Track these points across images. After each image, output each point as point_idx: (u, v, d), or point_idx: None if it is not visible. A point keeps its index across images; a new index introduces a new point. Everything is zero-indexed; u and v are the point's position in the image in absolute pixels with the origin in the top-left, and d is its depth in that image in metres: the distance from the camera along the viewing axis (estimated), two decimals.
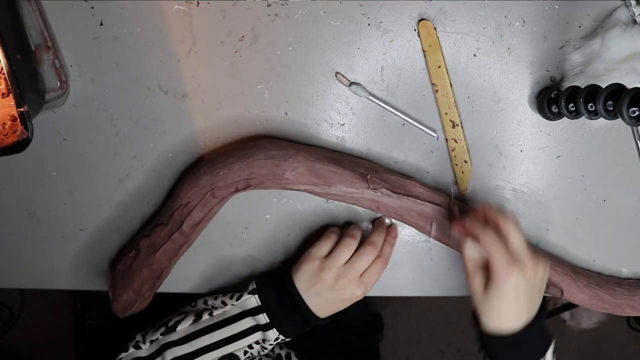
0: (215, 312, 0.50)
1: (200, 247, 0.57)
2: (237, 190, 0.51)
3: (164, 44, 0.51)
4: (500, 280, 0.42)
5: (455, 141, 0.52)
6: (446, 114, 0.51)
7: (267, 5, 0.50)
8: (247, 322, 0.49)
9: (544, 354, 0.47)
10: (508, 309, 0.43)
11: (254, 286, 0.50)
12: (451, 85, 0.51)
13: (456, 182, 0.54)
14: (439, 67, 0.50)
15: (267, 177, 0.49)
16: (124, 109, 0.53)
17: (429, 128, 0.53)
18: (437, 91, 0.51)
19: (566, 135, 0.54)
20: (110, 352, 0.53)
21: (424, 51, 0.50)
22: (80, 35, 0.51)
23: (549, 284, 0.51)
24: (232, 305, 0.50)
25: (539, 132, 0.53)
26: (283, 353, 0.58)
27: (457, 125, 0.51)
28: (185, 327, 0.50)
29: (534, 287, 0.44)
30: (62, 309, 1.48)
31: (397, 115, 0.53)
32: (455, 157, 0.52)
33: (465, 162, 0.52)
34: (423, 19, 0.50)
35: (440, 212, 0.51)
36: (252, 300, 0.49)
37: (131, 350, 0.50)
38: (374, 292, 0.59)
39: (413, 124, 0.53)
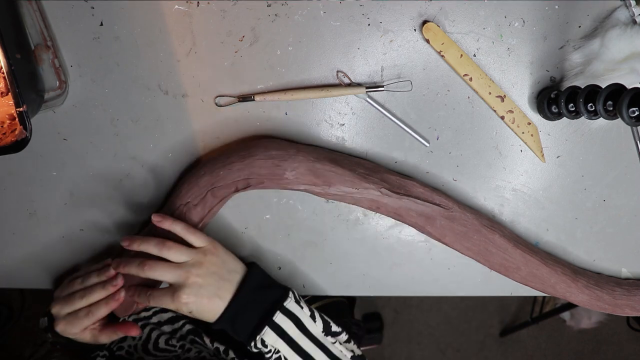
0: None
1: None
2: (237, 190, 0.51)
3: (164, 44, 0.51)
4: (176, 291, 0.46)
5: (511, 112, 0.52)
6: (490, 93, 0.51)
7: (267, 5, 0.50)
8: None
9: (278, 303, 0.49)
10: (201, 302, 0.46)
11: None
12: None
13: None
14: (461, 56, 0.50)
15: (267, 177, 0.49)
16: (124, 109, 0.53)
17: (422, 137, 0.53)
18: (470, 79, 0.51)
19: (566, 135, 0.54)
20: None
21: (439, 52, 0.50)
22: (80, 35, 0.51)
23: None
24: None
25: (539, 132, 0.53)
26: (222, 348, 0.58)
27: (505, 96, 0.51)
28: None
29: (215, 271, 0.47)
30: None
31: (392, 120, 0.53)
32: (518, 126, 0.52)
33: (529, 124, 0.52)
34: (425, 22, 0.50)
35: (440, 213, 0.51)
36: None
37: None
38: (374, 292, 0.59)
39: (407, 131, 0.53)
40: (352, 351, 0.52)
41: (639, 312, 0.55)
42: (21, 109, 0.41)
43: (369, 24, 0.51)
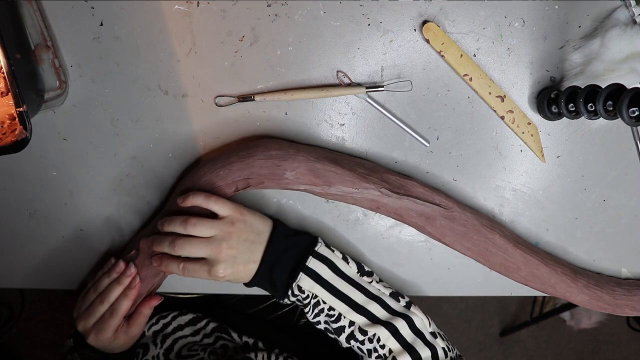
0: None
1: None
2: (237, 190, 0.51)
3: (164, 44, 0.51)
4: (213, 266, 0.47)
5: (511, 112, 0.52)
6: (490, 93, 0.51)
7: (267, 5, 0.50)
8: None
9: (309, 250, 0.50)
10: (237, 270, 0.47)
11: None
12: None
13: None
14: (461, 56, 0.50)
15: (267, 177, 0.49)
16: (124, 109, 0.53)
17: (422, 137, 0.53)
18: (470, 79, 0.51)
19: (566, 135, 0.54)
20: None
21: (439, 53, 0.50)
22: (80, 35, 0.51)
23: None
24: None
25: (539, 132, 0.53)
26: (250, 341, 0.58)
27: (505, 96, 0.51)
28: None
29: (245, 238, 0.48)
30: (62, 309, 1.48)
31: (392, 120, 0.53)
32: (518, 126, 0.52)
33: (529, 124, 0.52)
34: (425, 22, 0.50)
35: (440, 213, 0.51)
36: None
37: None
38: None
39: (407, 131, 0.53)
40: (389, 288, 0.52)
41: (639, 312, 0.55)
42: (21, 109, 0.41)
43: (369, 24, 0.51)
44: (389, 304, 0.50)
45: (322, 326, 0.51)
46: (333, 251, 0.51)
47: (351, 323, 0.49)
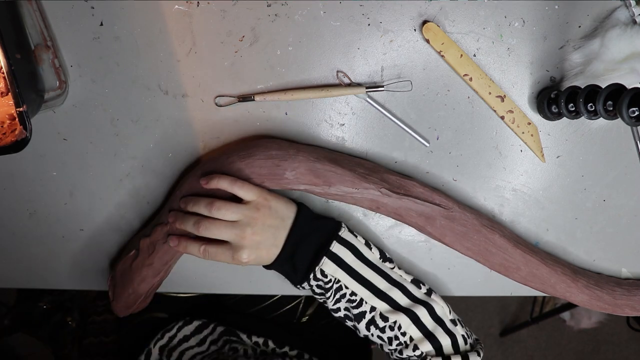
0: None
1: None
2: None
3: (164, 44, 0.51)
4: (237, 252, 0.47)
5: (511, 112, 0.52)
6: (490, 93, 0.51)
7: (267, 5, 0.50)
8: None
9: (333, 234, 0.50)
10: (260, 255, 0.47)
11: None
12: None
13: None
14: (461, 56, 0.50)
15: (267, 177, 0.49)
16: (124, 109, 0.53)
17: (422, 137, 0.53)
18: (470, 79, 0.51)
19: (566, 135, 0.54)
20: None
21: (439, 53, 0.50)
22: (80, 35, 0.51)
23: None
24: None
25: (539, 132, 0.53)
26: (260, 341, 0.58)
27: (505, 96, 0.51)
28: None
29: (269, 223, 0.47)
30: None
31: (392, 120, 0.53)
32: (518, 126, 0.52)
33: (529, 124, 0.52)
34: (425, 22, 0.50)
35: (440, 213, 0.51)
36: None
37: None
38: None
39: (407, 131, 0.53)
40: (410, 274, 0.52)
41: (639, 312, 0.55)
42: (21, 109, 0.41)
43: (369, 24, 0.51)
44: (411, 291, 0.50)
45: (342, 313, 0.51)
46: (356, 236, 0.50)
47: (372, 309, 0.49)
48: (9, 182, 0.56)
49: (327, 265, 0.48)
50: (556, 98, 0.49)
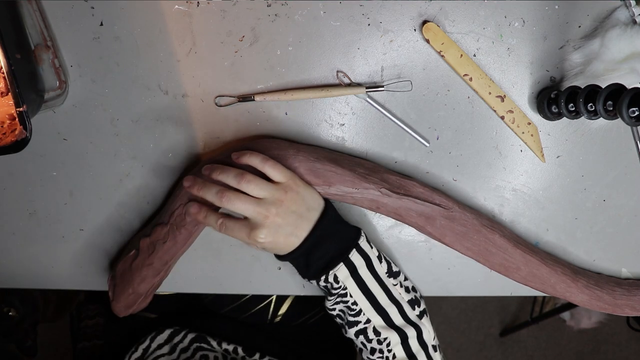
0: None
1: (200, 247, 0.57)
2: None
3: (164, 44, 0.51)
4: (255, 230, 0.45)
5: (511, 112, 0.52)
6: (490, 93, 0.51)
7: (267, 5, 0.50)
8: None
9: (353, 241, 0.49)
10: (277, 241, 0.46)
11: None
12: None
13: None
14: (461, 56, 0.50)
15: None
16: (124, 109, 0.53)
17: (422, 137, 0.53)
18: (470, 79, 0.51)
19: (566, 135, 0.54)
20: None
21: (439, 53, 0.50)
22: (80, 35, 0.51)
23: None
24: None
25: (539, 132, 0.53)
26: (230, 348, 0.58)
27: (505, 96, 0.51)
28: None
29: (294, 210, 0.46)
30: None
31: (392, 120, 0.53)
32: (518, 126, 0.52)
33: (529, 124, 0.52)
34: (425, 22, 0.50)
35: (440, 213, 0.51)
36: None
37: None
38: None
39: (407, 131, 0.53)
40: (408, 290, 0.52)
41: (639, 312, 0.55)
42: (21, 109, 0.41)
43: (369, 24, 0.51)
44: (406, 311, 0.51)
45: (336, 312, 0.51)
46: (372, 247, 0.50)
47: (368, 320, 0.50)
48: (9, 182, 0.56)
49: (341, 271, 0.48)
50: (556, 98, 0.49)
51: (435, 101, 0.53)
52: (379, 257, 0.51)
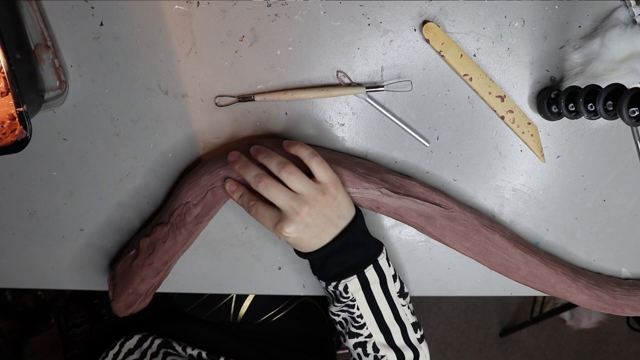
0: None
1: (200, 247, 0.58)
2: None
3: (164, 44, 0.51)
4: (283, 222, 0.45)
5: (511, 112, 0.52)
6: (490, 93, 0.51)
7: (267, 5, 0.50)
8: None
9: (373, 257, 0.48)
10: (301, 238, 0.45)
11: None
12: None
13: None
14: (461, 56, 0.50)
15: None
16: (124, 109, 0.53)
17: (422, 137, 0.53)
18: (470, 79, 0.51)
19: (566, 135, 0.54)
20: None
21: (439, 53, 0.50)
22: (80, 35, 0.51)
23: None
24: None
25: (539, 132, 0.53)
26: (194, 353, 0.58)
27: (505, 96, 0.51)
28: None
29: (326, 214, 0.45)
30: None
31: (392, 120, 0.53)
32: (518, 126, 0.52)
33: (529, 124, 0.52)
34: (425, 22, 0.50)
35: (440, 213, 0.51)
36: None
37: None
38: None
39: (407, 131, 0.53)
40: (413, 312, 0.53)
41: (639, 312, 0.55)
42: (21, 109, 0.41)
43: (369, 24, 0.51)
44: (408, 333, 0.51)
45: (338, 319, 0.51)
46: (389, 266, 0.50)
47: (369, 335, 0.49)
48: (9, 182, 0.56)
49: (352, 283, 0.47)
50: (556, 98, 0.49)
51: (435, 101, 0.53)
52: (394, 277, 0.50)
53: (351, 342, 0.50)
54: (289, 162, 0.45)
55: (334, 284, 0.48)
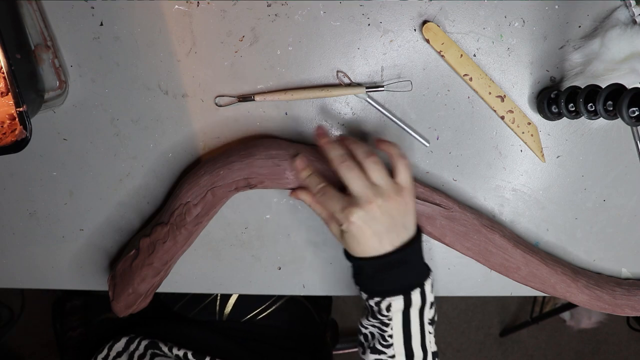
0: None
1: (200, 247, 0.58)
2: (237, 190, 0.51)
3: (164, 44, 0.51)
4: (352, 206, 0.43)
5: (511, 112, 0.52)
6: (490, 93, 0.51)
7: (267, 5, 0.50)
8: None
9: (420, 281, 0.47)
10: (363, 231, 0.44)
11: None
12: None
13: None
14: (461, 56, 0.50)
15: (267, 177, 0.49)
16: (124, 109, 0.53)
17: (422, 137, 0.53)
18: (470, 79, 0.50)
19: (566, 135, 0.54)
20: None
21: (439, 53, 0.50)
22: (80, 35, 0.51)
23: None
24: None
25: (539, 132, 0.53)
26: (180, 353, 0.58)
27: (505, 96, 0.51)
28: None
29: (394, 215, 0.44)
30: None
31: (392, 120, 0.53)
32: (518, 126, 0.52)
33: (529, 124, 0.52)
34: (425, 22, 0.50)
35: (440, 213, 0.51)
36: None
37: None
38: None
39: (407, 131, 0.53)
40: (435, 345, 0.52)
41: (639, 312, 0.55)
42: (21, 109, 0.41)
43: (369, 24, 0.51)
44: None
45: (365, 331, 0.51)
46: (432, 292, 0.49)
47: (392, 356, 0.48)
48: (9, 182, 0.56)
49: (397, 303, 0.46)
50: (556, 98, 0.49)
51: (435, 101, 0.53)
52: (432, 304, 0.49)
53: (372, 357, 0.50)
54: (376, 153, 0.45)
55: (377, 299, 0.46)
